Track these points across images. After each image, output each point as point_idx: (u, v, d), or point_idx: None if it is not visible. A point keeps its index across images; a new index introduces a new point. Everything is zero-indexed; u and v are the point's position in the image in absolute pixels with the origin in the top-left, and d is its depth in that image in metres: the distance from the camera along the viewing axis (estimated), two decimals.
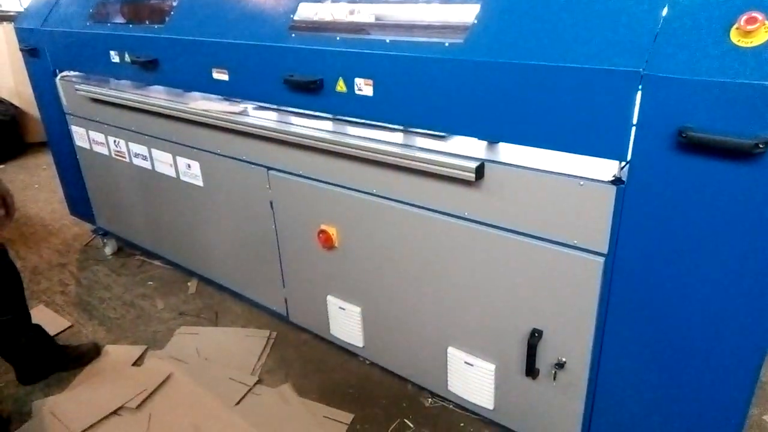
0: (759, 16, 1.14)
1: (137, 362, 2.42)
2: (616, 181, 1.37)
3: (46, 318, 2.69)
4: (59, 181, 3.46)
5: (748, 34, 1.16)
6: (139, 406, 2.14)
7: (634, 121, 1.29)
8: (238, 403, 2.16)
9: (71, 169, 3.25)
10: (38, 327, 2.27)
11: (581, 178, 1.42)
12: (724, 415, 1.41)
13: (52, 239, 3.60)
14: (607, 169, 1.40)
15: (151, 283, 3.05)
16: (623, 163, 1.37)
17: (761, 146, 1.13)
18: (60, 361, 2.34)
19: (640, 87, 1.25)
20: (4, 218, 1.91)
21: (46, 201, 4.21)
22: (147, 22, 2.51)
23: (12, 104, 5.20)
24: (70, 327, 2.69)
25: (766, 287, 1.24)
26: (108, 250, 3.35)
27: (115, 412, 2.12)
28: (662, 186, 1.30)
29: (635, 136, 1.30)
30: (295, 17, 1.99)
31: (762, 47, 1.15)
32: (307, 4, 2.03)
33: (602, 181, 1.39)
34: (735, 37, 1.18)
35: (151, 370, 2.35)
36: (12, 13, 5.86)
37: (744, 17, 1.16)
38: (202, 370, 2.34)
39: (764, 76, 1.12)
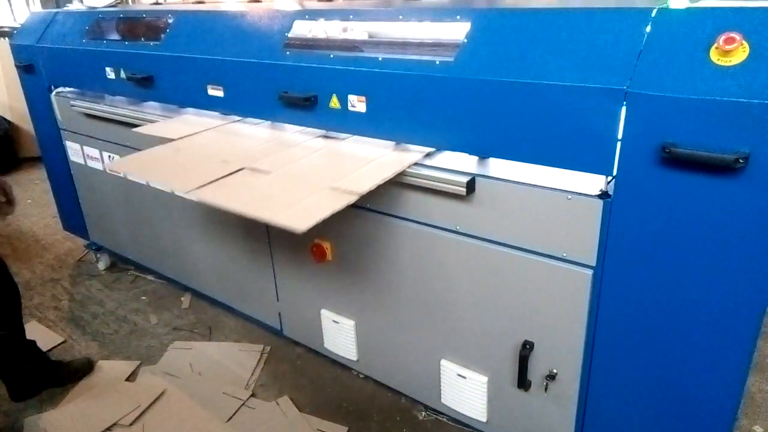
0: (736, 36, 1.19)
1: (130, 378, 2.41)
2: (603, 195, 1.41)
3: (39, 333, 2.68)
4: (52, 196, 3.47)
5: (726, 53, 1.21)
6: (132, 423, 2.13)
7: (619, 137, 1.33)
8: (230, 417, 2.16)
9: (65, 184, 3.25)
10: (32, 343, 2.26)
11: (569, 192, 1.45)
12: (713, 423, 1.43)
13: (45, 254, 3.59)
14: (594, 183, 1.44)
15: (144, 297, 3.05)
16: (609, 178, 1.40)
17: (741, 161, 1.17)
18: (53, 377, 2.33)
19: (624, 104, 1.30)
20: (6, 205, 1.91)
21: (40, 216, 4.20)
22: (143, 39, 2.54)
23: (5, 119, 5.21)
24: (63, 342, 2.68)
25: (750, 296, 1.28)
26: (101, 265, 3.34)
27: (108, 429, 2.11)
28: (647, 200, 1.33)
29: (620, 151, 1.34)
30: (290, 35, 2.03)
31: (740, 66, 1.19)
32: (302, 22, 2.07)
33: (589, 195, 1.42)
34: (715, 56, 1.22)
35: (145, 385, 2.34)
36: (6, 29, 5.89)
37: (722, 37, 1.21)
38: (196, 385, 2.33)
39: (743, 93, 1.16)
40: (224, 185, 1.70)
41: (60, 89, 3.01)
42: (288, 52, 1.98)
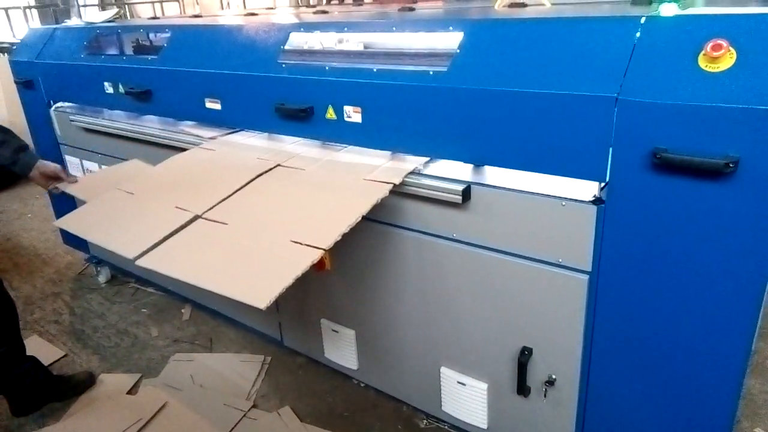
0: (723, 43, 1.21)
1: (132, 390, 2.42)
2: (597, 201, 1.42)
3: (40, 348, 2.69)
4: (52, 210, 3.48)
5: (714, 60, 1.23)
6: None
7: (611, 143, 1.35)
8: (232, 429, 2.16)
9: (64, 198, 3.25)
10: (33, 359, 2.26)
11: (563, 198, 1.47)
12: (712, 426, 1.44)
13: (46, 268, 3.60)
14: (587, 189, 1.45)
15: (145, 310, 3.05)
16: (602, 184, 1.42)
17: (731, 165, 1.19)
18: (54, 392, 2.32)
19: (615, 111, 1.31)
20: None
21: (40, 230, 4.21)
22: (140, 54, 2.57)
23: None
24: (64, 356, 2.68)
25: (744, 297, 1.29)
26: (102, 279, 3.35)
27: None
28: (640, 205, 1.35)
29: (612, 158, 1.35)
30: (286, 47, 2.05)
31: (728, 72, 1.21)
32: (298, 34, 2.10)
33: (583, 201, 1.44)
34: (703, 62, 1.24)
35: (146, 398, 2.34)
36: (5, 45, 5.92)
37: (710, 44, 1.23)
38: (197, 397, 2.33)
39: (731, 99, 1.18)
40: (176, 246, 1.61)
41: (59, 104, 3.04)
42: (284, 65, 2.00)
